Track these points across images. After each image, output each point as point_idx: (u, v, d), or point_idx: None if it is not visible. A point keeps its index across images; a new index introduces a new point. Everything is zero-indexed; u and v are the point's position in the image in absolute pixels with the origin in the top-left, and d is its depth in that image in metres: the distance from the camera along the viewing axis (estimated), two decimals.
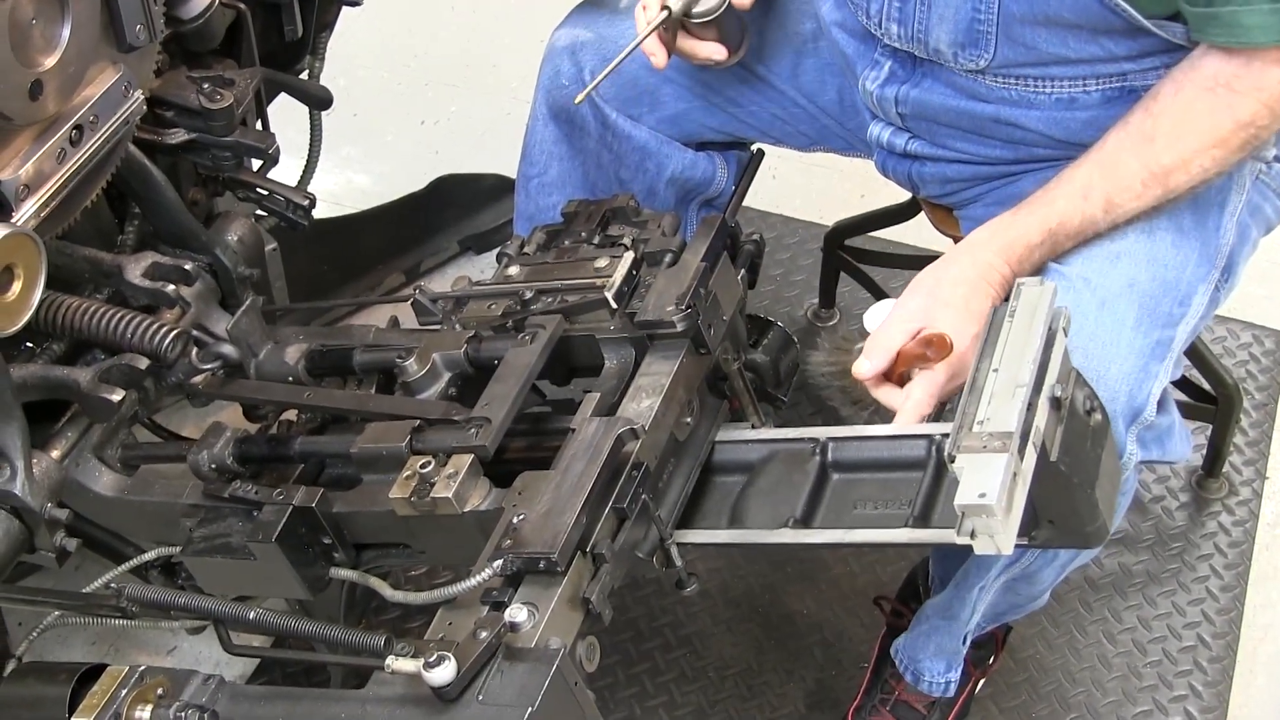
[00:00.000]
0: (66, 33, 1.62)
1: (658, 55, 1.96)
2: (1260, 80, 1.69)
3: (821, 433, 1.74)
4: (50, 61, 1.61)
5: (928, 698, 2.29)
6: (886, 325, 1.75)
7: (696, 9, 1.93)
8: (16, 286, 1.58)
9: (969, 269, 1.77)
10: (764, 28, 2.11)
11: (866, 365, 1.74)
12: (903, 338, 1.73)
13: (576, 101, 2.01)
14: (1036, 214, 1.79)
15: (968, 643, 2.22)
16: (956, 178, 2.05)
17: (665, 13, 1.91)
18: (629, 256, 1.81)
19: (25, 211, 1.61)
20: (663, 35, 1.95)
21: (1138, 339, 1.76)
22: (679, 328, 1.71)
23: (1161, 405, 1.80)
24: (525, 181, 2.27)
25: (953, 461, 1.41)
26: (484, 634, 1.36)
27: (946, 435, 1.47)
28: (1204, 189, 1.85)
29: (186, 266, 1.93)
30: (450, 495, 1.56)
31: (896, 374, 1.75)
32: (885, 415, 2.76)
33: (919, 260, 2.78)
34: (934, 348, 1.70)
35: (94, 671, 1.46)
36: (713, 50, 2.00)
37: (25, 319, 1.61)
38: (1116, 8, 1.72)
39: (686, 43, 2.00)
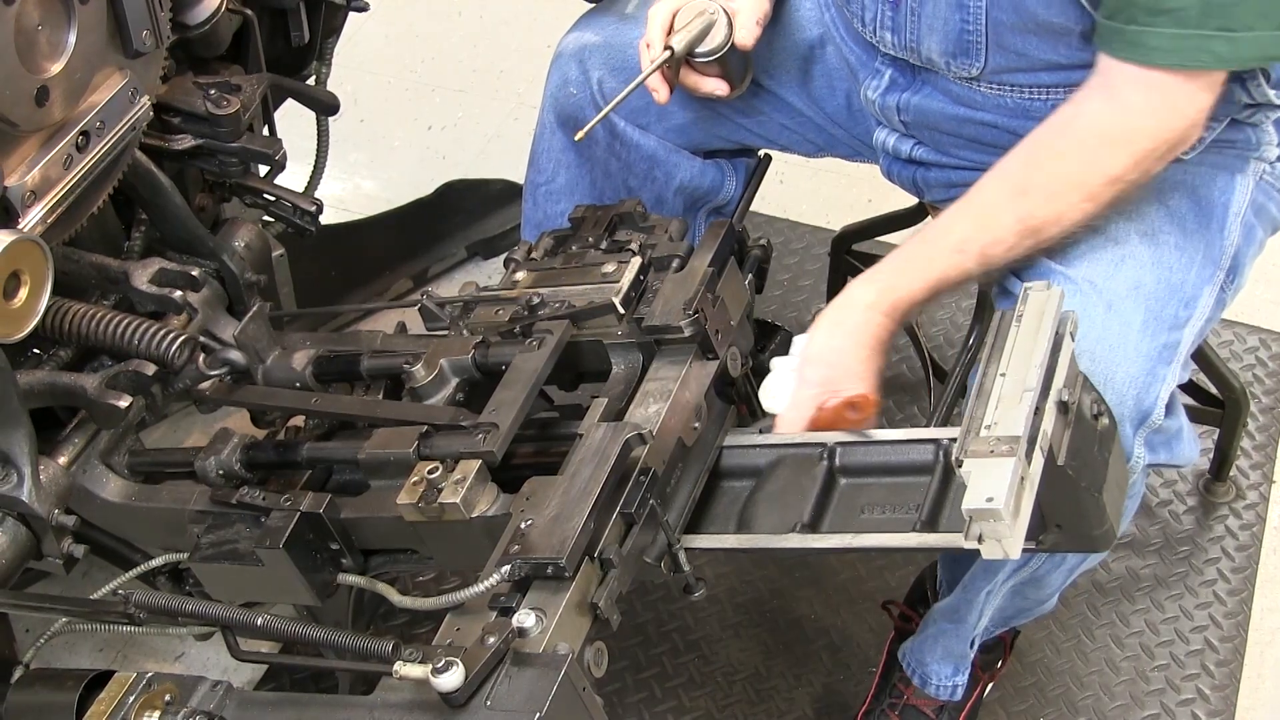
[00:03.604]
0: (72, 39, 1.63)
1: (660, 92, 1.99)
2: (1133, 128, 1.71)
3: (829, 437, 1.73)
4: (56, 67, 1.62)
5: (936, 701, 2.29)
6: (793, 409, 1.76)
7: (699, 49, 1.95)
8: (23, 293, 1.58)
9: (865, 334, 1.77)
10: (771, 37, 2.10)
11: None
12: (811, 412, 1.74)
13: (577, 139, 2.04)
14: (920, 273, 1.79)
15: (975, 646, 2.21)
16: (961, 183, 2.05)
17: (668, 53, 1.93)
18: (636, 262, 1.81)
19: (32, 217, 1.62)
20: (665, 72, 1.97)
21: (1145, 342, 1.76)
22: (686, 333, 1.71)
23: (1170, 408, 1.80)
24: (533, 189, 2.27)
25: (960, 466, 1.41)
26: (492, 639, 1.36)
27: (954, 440, 1.47)
28: (1207, 190, 1.85)
29: (193, 272, 1.93)
30: (458, 501, 1.56)
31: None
32: (891, 420, 2.77)
33: None
34: (858, 409, 1.72)
35: (101, 678, 1.46)
36: (715, 86, 2.03)
37: (32, 325, 1.61)
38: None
39: (690, 78, 2.02)
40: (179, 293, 1.91)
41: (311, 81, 2.38)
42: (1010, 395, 1.45)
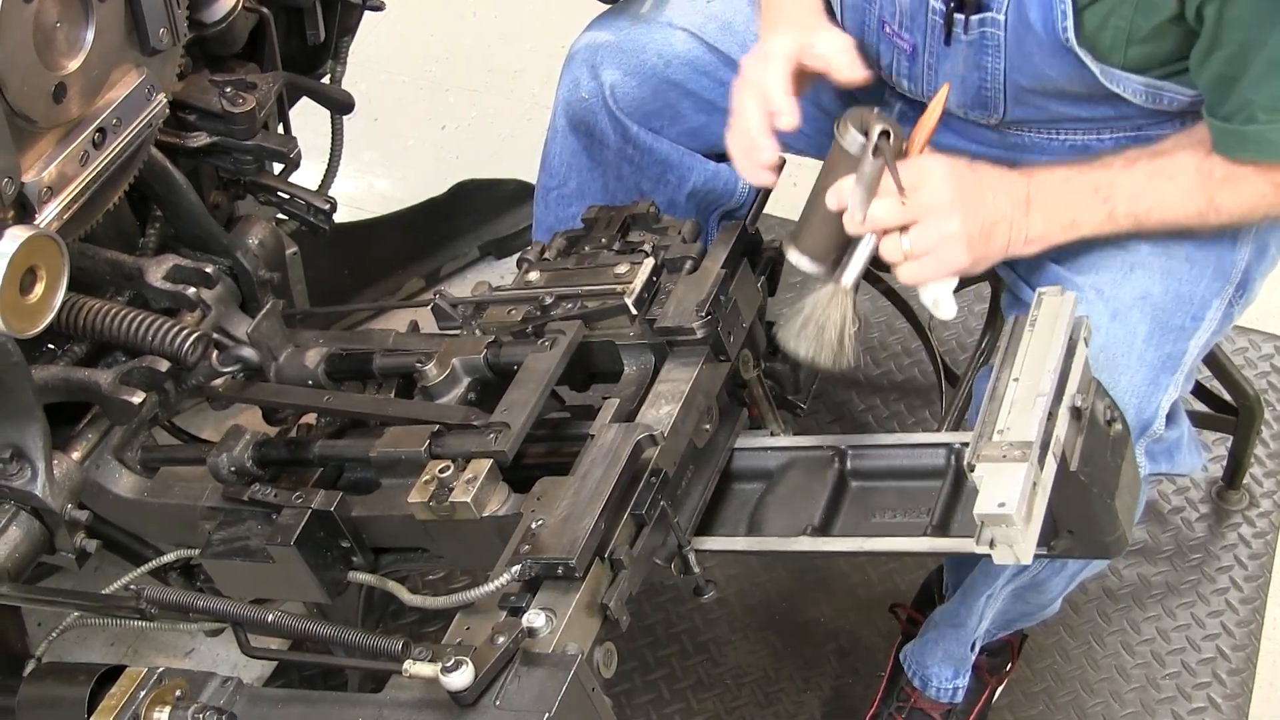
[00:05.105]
0: (90, 36, 1.63)
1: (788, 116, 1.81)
2: (1263, 207, 1.73)
3: (840, 441, 1.73)
4: (74, 64, 1.62)
5: (943, 705, 2.29)
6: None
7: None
8: (39, 288, 1.58)
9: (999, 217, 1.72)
10: None
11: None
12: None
13: None
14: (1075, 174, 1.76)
15: (976, 649, 2.21)
16: None
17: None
18: (649, 263, 1.81)
19: (48, 214, 1.62)
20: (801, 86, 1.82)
21: (1149, 352, 1.76)
22: (699, 334, 1.71)
23: (1172, 418, 1.80)
24: (545, 193, 2.26)
25: (972, 470, 1.41)
26: (502, 639, 1.37)
27: (966, 444, 1.47)
28: None
29: (207, 269, 1.94)
30: (469, 500, 1.56)
31: None
32: (903, 424, 2.76)
33: None
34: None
35: (113, 673, 1.47)
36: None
37: (47, 321, 1.61)
38: (1117, 80, 1.73)
39: None
40: (193, 290, 1.92)
41: (326, 80, 2.39)
42: (1023, 400, 1.45)
